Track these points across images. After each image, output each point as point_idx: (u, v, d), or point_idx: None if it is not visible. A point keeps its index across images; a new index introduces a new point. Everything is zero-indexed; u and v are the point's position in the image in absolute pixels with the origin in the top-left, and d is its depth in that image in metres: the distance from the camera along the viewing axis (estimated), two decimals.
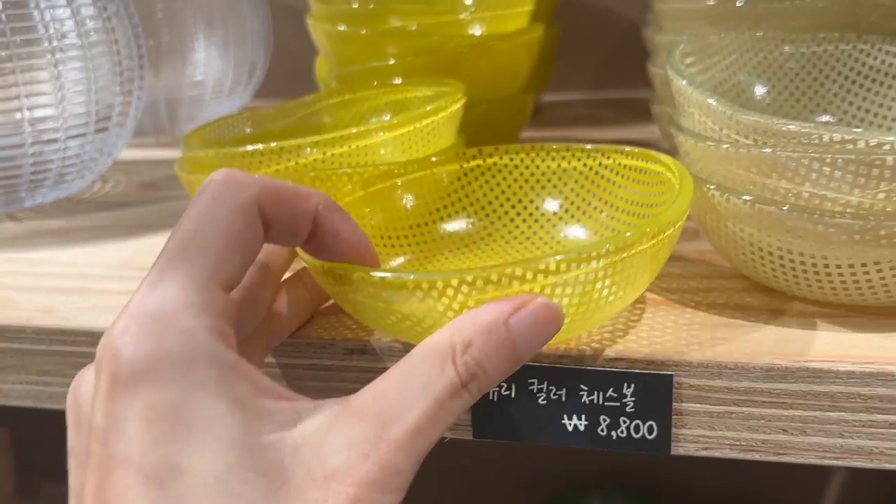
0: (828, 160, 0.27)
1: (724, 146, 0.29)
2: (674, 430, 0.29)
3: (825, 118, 0.38)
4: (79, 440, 0.24)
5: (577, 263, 0.24)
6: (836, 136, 0.27)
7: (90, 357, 0.33)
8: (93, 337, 0.33)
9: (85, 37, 0.47)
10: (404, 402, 0.23)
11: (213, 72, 0.65)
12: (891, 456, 0.27)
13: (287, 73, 0.77)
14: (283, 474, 0.22)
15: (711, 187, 0.30)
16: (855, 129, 0.27)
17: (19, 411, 0.86)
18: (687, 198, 0.27)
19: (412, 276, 0.24)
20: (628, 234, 0.25)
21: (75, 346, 0.33)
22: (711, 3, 0.42)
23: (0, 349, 0.34)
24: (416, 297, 0.24)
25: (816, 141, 0.27)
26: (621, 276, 0.25)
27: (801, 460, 0.28)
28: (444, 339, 0.24)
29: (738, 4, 0.41)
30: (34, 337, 0.33)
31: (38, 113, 0.46)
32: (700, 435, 0.28)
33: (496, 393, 0.30)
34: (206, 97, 0.66)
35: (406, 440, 0.22)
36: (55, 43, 0.46)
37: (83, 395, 0.24)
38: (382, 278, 0.25)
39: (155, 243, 0.42)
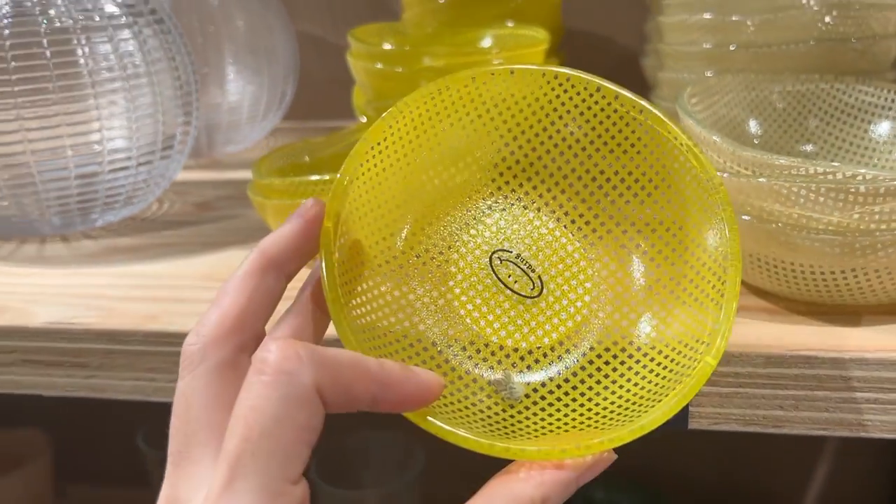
0: (812, 188, 0.33)
1: (727, 175, 0.36)
2: (691, 408, 0.35)
3: (808, 147, 0.44)
4: None
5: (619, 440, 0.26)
6: (819, 169, 0.33)
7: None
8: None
9: (152, 65, 0.52)
10: None
11: (248, 98, 0.71)
12: (867, 426, 0.34)
13: (310, 98, 0.83)
14: None
15: None
16: (834, 164, 0.33)
17: (57, 416, 0.91)
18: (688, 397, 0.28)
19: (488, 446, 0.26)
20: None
21: (177, 347, 0.39)
22: (708, 46, 0.48)
23: (113, 351, 0.40)
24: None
25: (803, 172, 0.33)
26: None
27: (794, 431, 0.34)
28: (526, 493, 0.25)
29: (731, 48, 0.47)
30: (143, 339, 0.39)
31: (114, 144, 0.51)
32: (712, 412, 0.35)
33: None
34: (241, 122, 0.72)
35: None
36: (129, 72, 0.51)
37: None
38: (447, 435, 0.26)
39: (225, 258, 0.48)
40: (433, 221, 0.33)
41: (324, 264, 0.28)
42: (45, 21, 0.49)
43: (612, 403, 0.29)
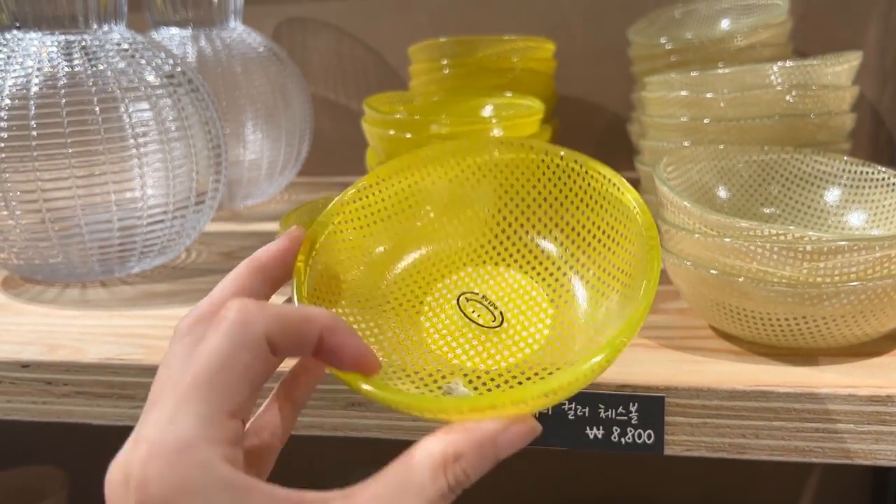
0: (768, 247, 0.39)
1: (696, 235, 0.42)
2: (666, 436, 0.40)
3: (770, 210, 0.50)
4: None
5: (553, 392, 0.28)
6: (773, 231, 0.39)
7: None
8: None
9: (188, 128, 0.58)
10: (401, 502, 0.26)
11: (266, 155, 0.77)
12: (818, 452, 0.39)
13: (323, 156, 0.89)
14: None
15: (688, 263, 0.42)
16: (786, 227, 0.39)
17: (74, 452, 0.95)
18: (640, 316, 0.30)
19: (405, 398, 0.29)
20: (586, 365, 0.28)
21: None
22: (685, 119, 0.55)
23: None
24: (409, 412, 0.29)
25: (760, 234, 0.39)
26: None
27: (755, 457, 0.40)
28: (439, 449, 0.26)
29: (705, 122, 0.54)
30: None
31: (153, 199, 0.57)
32: (685, 440, 0.40)
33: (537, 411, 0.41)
34: (260, 177, 0.77)
35: None
36: (168, 134, 0.57)
37: (117, 495, 0.27)
38: (376, 395, 0.29)
39: None
40: (409, 268, 0.38)
41: (294, 280, 0.33)
42: (95, 89, 0.55)
43: (549, 375, 0.32)
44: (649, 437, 0.40)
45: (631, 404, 0.40)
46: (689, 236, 0.42)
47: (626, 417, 0.40)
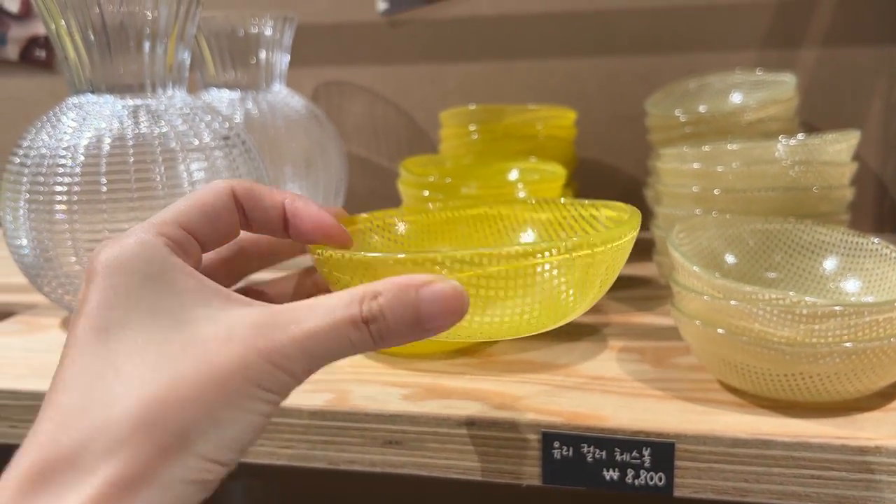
0: (768, 309, 0.43)
1: (705, 297, 0.46)
2: (676, 479, 0.44)
3: (773, 275, 0.55)
4: None
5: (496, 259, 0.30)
6: (774, 295, 0.43)
7: (281, 426, 0.48)
8: (283, 411, 0.48)
9: (238, 178, 0.64)
10: (309, 315, 0.28)
11: None
12: (813, 497, 0.43)
13: (355, 209, 0.94)
14: (200, 337, 0.28)
15: (697, 322, 0.47)
16: (786, 292, 0.44)
17: None
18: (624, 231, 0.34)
19: (355, 256, 0.31)
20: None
21: None
22: (696, 189, 0.60)
23: None
24: (358, 274, 0.31)
25: (762, 298, 0.44)
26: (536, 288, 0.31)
27: (756, 501, 0.44)
28: (359, 288, 0.28)
29: (715, 192, 0.58)
30: None
31: None
32: (693, 483, 0.44)
33: (560, 453, 0.45)
34: None
35: (300, 337, 0.27)
36: None
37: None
38: (329, 257, 0.32)
39: None
40: None
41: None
42: (160, 148, 0.60)
43: None
44: (660, 479, 0.44)
45: (644, 449, 0.44)
46: (698, 298, 0.46)
47: (639, 461, 0.44)
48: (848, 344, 0.42)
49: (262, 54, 0.82)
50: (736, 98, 0.80)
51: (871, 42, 0.86)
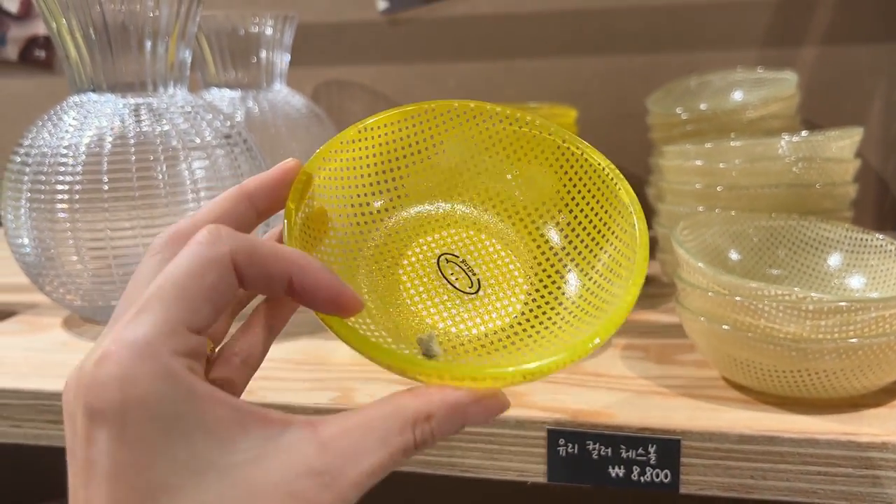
0: (774, 305, 0.43)
1: (710, 293, 0.46)
2: (681, 476, 0.44)
3: (777, 271, 0.55)
4: (71, 440, 0.26)
5: (532, 375, 0.28)
6: (779, 291, 0.43)
7: None
8: (287, 409, 0.48)
9: (241, 178, 0.63)
10: (365, 449, 0.26)
11: None
12: (820, 494, 0.43)
13: None
14: (254, 489, 0.24)
15: (702, 319, 0.47)
16: (791, 288, 0.44)
17: None
18: (619, 320, 0.30)
19: (389, 353, 0.28)
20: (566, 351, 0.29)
21: None
22: (699, 186, 0.59)
23: None
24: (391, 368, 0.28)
25: (768, 294, 0.44)
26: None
27: (763, 497, 0.43)
28: (411, 405, 0.27)
29: (718, 189, 0.58)
30: None
31: None
32: (699, 480, 0.44)
33: (565, 450, 0.45)
34: None
35: (361, 480, 0.26)
36: (225, 183, 0.62)
37: (69, 402, 0.26)
38: (358, 345, 0.28)
39: (310, 344, 0.58)
40: (398, 226, 0.37)
41: (285, 219, 0.31)
42: (161, 147, 0.60)
43: (518, 350, 0.32)
44: (666, 476, 0.44)
45: (650, 446, 0.44)
46: (703, 294, 0.46)
47: (645, 458, 0.44)
48: (853, 340, 0.42)
49: (263, 53, 0.82)
50: (737, 96, 0.80)
51: (872, 40, 0.86)
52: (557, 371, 0.28)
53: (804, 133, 0.60)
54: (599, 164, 0.36)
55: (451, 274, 0.36)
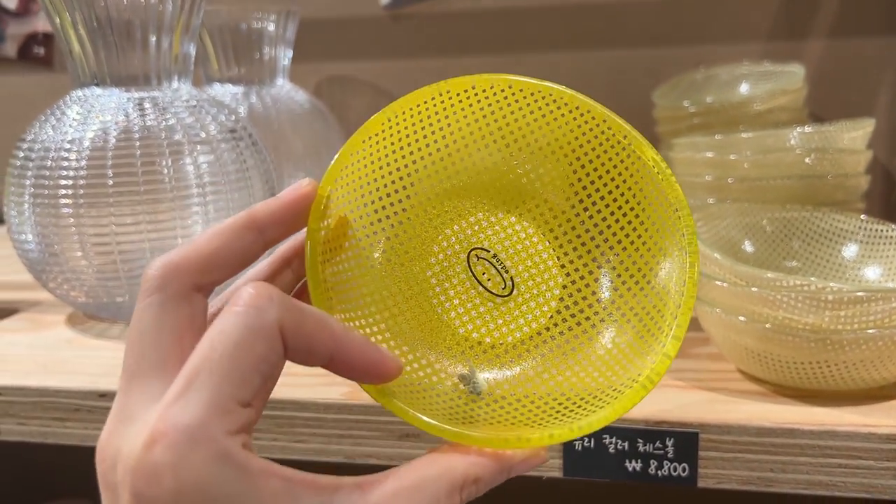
0: (792, 296, 0.43)
1: (726, 285, 0.45)
2: (700, 469, 0.43)
3: (792, 263, 0.54)
4: None
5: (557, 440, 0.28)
6: (798, 282, 0.43)
7: (295, 420, 0.48)
8: (298, 404, 0.47)
9: (246, 172, 0.62)
10: None
11: None
12: (839, 486, 0.42)
13: None
14: None
15: (718, 310, 0.46)
16: (810, 278, 0.43)
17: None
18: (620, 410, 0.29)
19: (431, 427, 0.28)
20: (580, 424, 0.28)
21: (278, 412, 0.48)
22: (710, 178, 0.59)
23: None
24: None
25: (785, 284, 0.43)
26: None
27: (782, 490, 0.43)
28: (459, 468, 0.27)
29: (729, 181, 0.58)
30: None
31: None
32: (716, 472, 0.43)
33: (581, 444, 0.44)
34: None
35: None
36: (230, 177, 0.61)
37: (108, 472, 0.25)
38: (408, 418, 0.28)
39: None
40: (420, 214, 0.34)
41: (309, 241, 0.30)
42: (166, 141, 0.59)
43: (560, 404, 0.31)
44: (684, 470, 0.43)
45: (667, 439, 0.43)
46: (720, 286, 0.46)
47: (662, 451, 0.44)
48: (873, 330, 0.42)
49: (266, 49, 0.81)
50: (744, 89, 0.79)
51: (878, 33, 0.85)
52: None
53: (816, 124, 0.59)
54: (653, 160, 0.32)
55: (483, 274, 0.34)
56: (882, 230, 0.53)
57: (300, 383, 0.50)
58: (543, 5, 0.91)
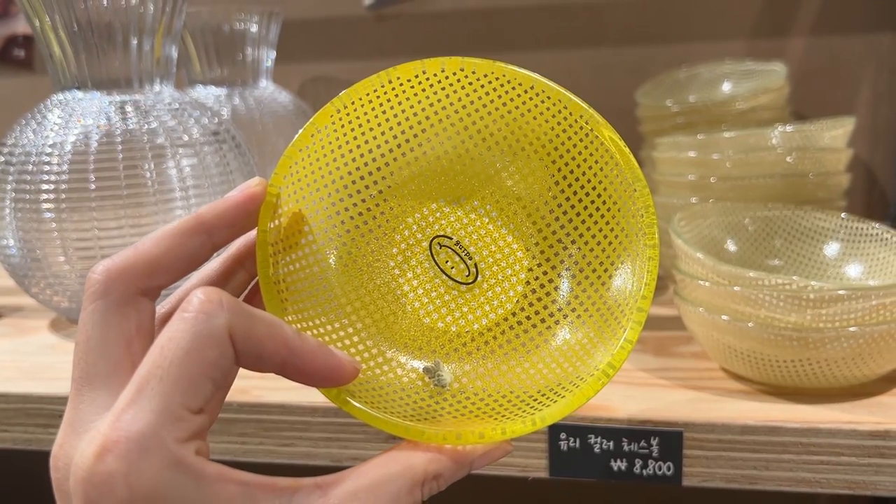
0: (774, 295, 0.43)
1: (708, 284, 0.46)
2: (684, 468, 0.44)
3: (774, 262, 0.55)
4: None
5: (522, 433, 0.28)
6: (779, 281, 0.43)
7: (281, 424, 0.48)
8: (283, 408, 0.47)
9: (229, 175, 0.62)
10: None
11: None
12: (822, 483, 0.43)
13: None
14: None
15: (701, 309, 0.46)
16: (792, 277, 0.43)
17: None
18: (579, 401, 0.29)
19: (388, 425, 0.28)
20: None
21: (265, 415, 0.48)
22: (693, 178, 0.59)
23: None
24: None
25: (767, 283, 0.43)
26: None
27: (766, 488, 0.43)
28: (420, 464, 0.27)
29: (711, 180, 0.58)
30: (237, 409, 0.48)
31: None
32: (701, 472, 0.44)
33: (566, 444, 0.45)
34: None
35: None
36: (213, 180, 0.61)
37: (62, 481, 0.25)
38: (366, 418, 0.28)
39: None
40: (380, 203, 0.34)
41: (258, 241, 0.29)
42: (149, 144, 0.59)
43: (517, 398, 0.31)
44: (669, 468, 0.44)
45: (652, 438, 0.44)
46: (702, 285, 0.46)
47: (647, 451, 0.44)
48: (854, 328, 0.42)
49: (248, 50, 0.81)
50: (726, 87, 0.80)
51: (860, 30, 0.86)
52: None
53: (797, 123, 0.60)
54: (618, 146, 0.31)
55: (447, 262, 0.34)
56: (863, 228, 0.53)
57: (286, 386, 0.49)
58: (527, 5, 0.91)
